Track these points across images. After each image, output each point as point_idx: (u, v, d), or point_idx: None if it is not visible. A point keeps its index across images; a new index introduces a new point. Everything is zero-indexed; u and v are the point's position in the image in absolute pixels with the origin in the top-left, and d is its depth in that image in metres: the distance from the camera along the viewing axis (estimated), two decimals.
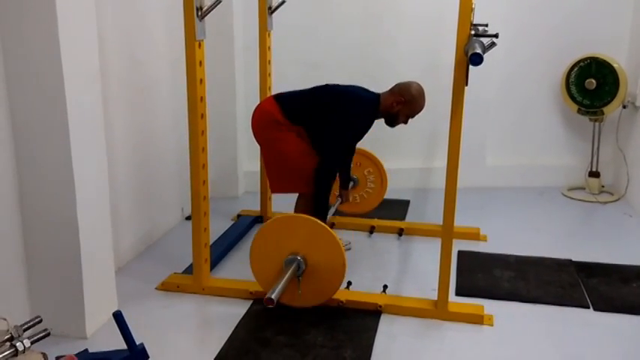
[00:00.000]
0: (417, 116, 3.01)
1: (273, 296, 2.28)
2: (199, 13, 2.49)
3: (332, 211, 3.26)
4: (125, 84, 3.03)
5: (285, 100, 2.93)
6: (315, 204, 2.88)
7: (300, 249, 2.49)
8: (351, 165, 3.32)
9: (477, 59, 2.10)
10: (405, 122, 2.97)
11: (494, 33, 2.30)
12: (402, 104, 2.89)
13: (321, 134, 2.90)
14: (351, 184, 3.51)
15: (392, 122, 2.98)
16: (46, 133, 2.25)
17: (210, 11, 2.52)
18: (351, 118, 2.85)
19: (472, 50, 2.13)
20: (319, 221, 2.50)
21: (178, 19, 2.56)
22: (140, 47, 3.19)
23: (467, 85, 2.35)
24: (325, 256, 2.48)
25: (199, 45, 2.53)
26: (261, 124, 2.93)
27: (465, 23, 2.27)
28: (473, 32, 2.31)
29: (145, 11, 3.23)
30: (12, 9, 2.15)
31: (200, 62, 2.55)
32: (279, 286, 2.33)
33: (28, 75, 2.20)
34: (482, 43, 2.23)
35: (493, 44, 2.31)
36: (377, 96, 2.94)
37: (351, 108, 2.86)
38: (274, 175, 3.00)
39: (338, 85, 2.99)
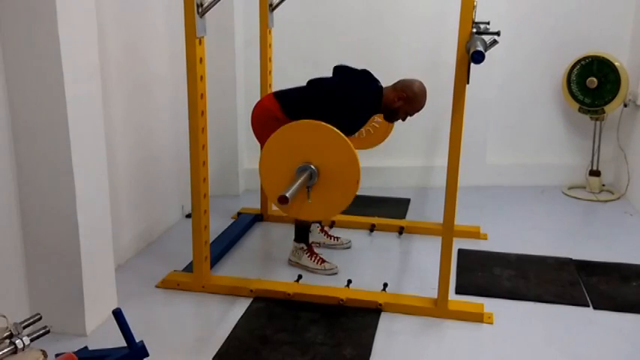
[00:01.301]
0: (417, 114, 3.01)
1: (287, 194, 2.18)
2: (199, 10, 2.48)
3: None
4: (125, 81, 3.02)
5: (285, 96, 2.93)
6: None
7: (314, 158, 2.36)
8: None
9: (478, 57, 2.09)
10: (404, 119, 2.97)
11: (496, 31, 2.29)
12: (404, 100, 2.89)
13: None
14: None
15: (391, 117, 2.98)
16: (46, 130, 2.24)
17: (210, 8, 2.51)
18: (352, 98, 2.81)
19: (474, 48, 2.12)
20: (335, 129, 2.37)
21: (179, 16, 2.55)
22: (140, 44, 3.18)
23: (468, 83, 2.34)
24: (339, 167, 2.36)
25: (200, 42, 2.52)
26: (261, 120, 2.93)
27: (467, 21, 2.26)
28: (474, 30, 2.30)
29: (146, 7, 3.22)
30: (11, 3, 2.14)
31: (200, 59, 2.55)
32: (294, 187, 2.23)
33: (27, 71, 2.19)
34: (484, 40, 2.22)
35: (495, 42, 2.30)
36: (381, 88, 2.94)
37: (354, 89, 2.83)
38: None
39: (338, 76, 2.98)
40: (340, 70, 3.02)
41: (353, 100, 2.83)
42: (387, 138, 3.45)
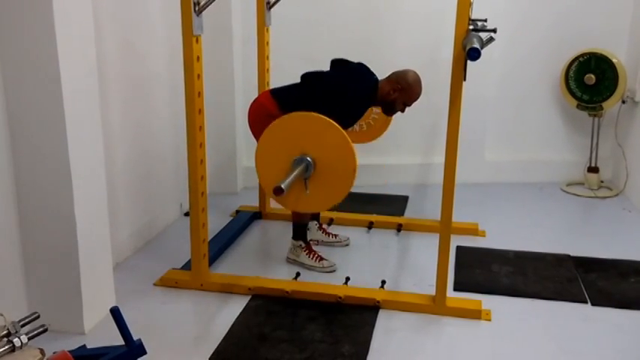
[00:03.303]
0: (416, 111, 3.01)
1: (283, 185, 2.18)
2: (196, 8, 2.48)
3: None
4: (123, 79, 3.02)
5: (282, 93, 2.93)
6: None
7: (310, 150, 2.35)
8: None
9: (474, 54, 2.09)
10: (402, 110, 2.98)
11: (493, 28, 2.29)
12: (399, 91, 2.89)
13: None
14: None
15: (389, 110, 2.99)
16: (43, 128, 2.24)
17: (207, 6, 2.50)
18: (349, 90, 2.81)
19: (470, 45, 2.12)
20: (331, 121, 2.37)
21: (176, 14, 2.55)
22: (138, 41, 3.18)
23: (465, 80, 2.34)
24: (335, 158, 2.36)
25: (197, 40, 2.52)
26: (257, 118, 2.93)
27: (463, 18, 2.26)
28: (471, 27, 2.30)
29: (143, 5, 3.22)
30: (8, 1, 2.13)
31: (198, 57, 2.54)
32: (290, 178, 2.23)
33: (24, 69, 2.19)
34: (480, 37, 2.22)
35: (491, 39, 2.30)
36: (376, 81, 2.94)
37: (350, 82, 2.84)
38: None
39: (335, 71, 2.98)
40: (337, 64, 3.01)
41: (348, 97, 2.82)
42: (386, 130, 3.44)
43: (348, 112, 2.82)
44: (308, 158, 2.36)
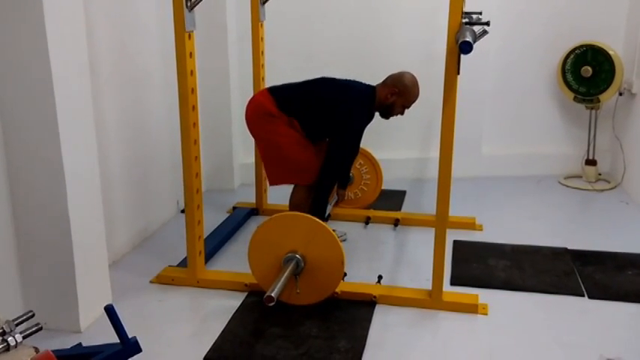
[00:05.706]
0: (413, 105, 3.00)
1: (273, 294, 2.27)
2: (188, 4, 2.47)
3: (329, 209, 3.26)
4: (117, 76, 3.01)
5: (280, 91, 2.93)
6: (314, 202, 2.87)
7: (299, 247, 2.48)
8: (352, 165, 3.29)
9: (466, 47, 2.08)
10: (402, 113, 2.98)
11: (486, 21, 2.28)
12: (397, 95, 2.89)
13: (315, 125, 2.89)
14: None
15: (387, 114, 2.98)
16: (35, 127, 2.23)
17: (199, 2, 2.49)
18: (354, 115, 2.84)
19: (462, 38, 2.11)
20: (318, 220, 2.49)
21: (169, 10, 2.54)
22: (131, 39, 3.16)
23: (459, 73, 2.33)
24: (324, 255, 2.47)
25: (189, 36, 2.51)
26: (255, 116, 2.92)
27: (457, 11, 2.25)
28: (465, 20, 2.29)
29: (136, 2, 3.21)
30: None
31: (190, 54, 2.53)
32: (279, 284, 2.33)
33: (15, 69, 2.18)
34: (473, 31, 2.21)
35: (485, 32, 2.29)
36: (373, 89, 2.94)
37: (353, 105, 2.85)
38: (271, 168, 3.00)
39: (335, 79, 2.98)
40: (329, 79, 2.99)
41: (354, 105, 2.83)
42: (378, 194, 3.62)
43: (356, 130, 2.89)
44: (297, 255, 2.47)
